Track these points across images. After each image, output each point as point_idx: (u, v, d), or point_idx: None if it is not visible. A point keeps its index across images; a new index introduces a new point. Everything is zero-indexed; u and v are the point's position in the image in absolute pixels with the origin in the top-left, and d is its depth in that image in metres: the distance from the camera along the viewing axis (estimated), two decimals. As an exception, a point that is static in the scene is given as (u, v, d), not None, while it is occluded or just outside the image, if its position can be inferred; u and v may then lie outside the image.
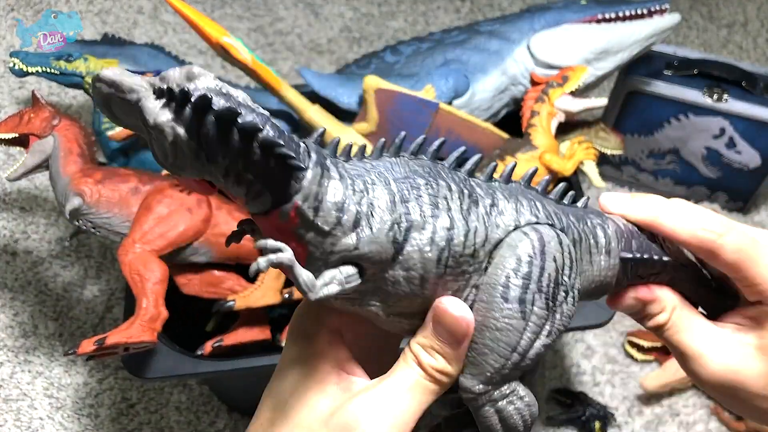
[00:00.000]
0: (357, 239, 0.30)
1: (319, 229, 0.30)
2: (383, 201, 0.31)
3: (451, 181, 0.33)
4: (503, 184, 0.36)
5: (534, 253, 0.33)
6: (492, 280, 0.33)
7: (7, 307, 0.95)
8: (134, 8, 1.29)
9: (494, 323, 0.33)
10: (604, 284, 0.38)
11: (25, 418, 0.88)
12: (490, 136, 0.83)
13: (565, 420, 0.89)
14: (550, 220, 0.35)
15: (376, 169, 0.32)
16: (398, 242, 0.31)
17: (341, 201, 0.30)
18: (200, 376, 0.74)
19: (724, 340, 0.38)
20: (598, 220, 0.38)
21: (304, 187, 0.29)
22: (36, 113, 0.72)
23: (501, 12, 1.33)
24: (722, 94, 0.95)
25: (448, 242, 0.32)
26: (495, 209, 0.34)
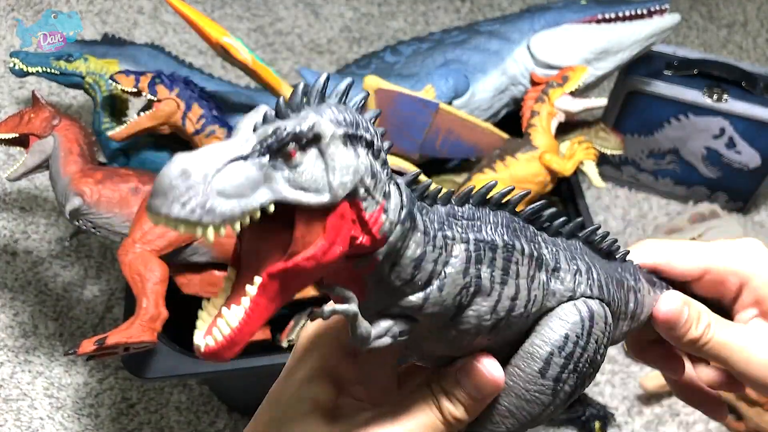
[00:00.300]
0: (424, 299, 0.29)
1: (389, 283, 0.28)
2: (459, 262, 0.29)
3: (525, 241, 0.31)
4: (567, 242, 0.34)
5: (581, 334, 0.32)
6: (534, 350, 0.32)
7: (7, 307, 0.95)
8: (134, 8, 1.29)
9: (524, 394, 0.33)
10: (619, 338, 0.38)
11: (26, 418, 0.88)
12: (490, 136, 0.83)
13: (565, 420, 0.89)
14: (602, 293, 0.34)
15: (458, 221, 0.30)
16: (462, 305, 0.30)
17: (420, 258, 0.28)
18: (200, 376, 0.74)
19: (758, 332, 0.38)
20: (633, 281, 0.37)
21: (389, 242, 0.27)
22: (36, 113, 0.72)
23: (501, 12, 1.33)
24: (722, 94, 0.95)
25: (508, 312, 0.31)
26: (556, 275, 0.33)
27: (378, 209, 0.26)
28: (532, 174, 0.78)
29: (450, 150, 0.82)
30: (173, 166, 0.22)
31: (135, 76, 0.73)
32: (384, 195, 0.26)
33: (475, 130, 0.82)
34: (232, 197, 0.22)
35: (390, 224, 0.27)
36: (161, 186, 0.22)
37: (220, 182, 0.22)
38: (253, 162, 0.23)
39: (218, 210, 0.22)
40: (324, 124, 0.24)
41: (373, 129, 0.27)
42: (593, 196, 1.11)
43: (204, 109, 0.75)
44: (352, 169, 0.25)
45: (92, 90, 0.79)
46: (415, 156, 0.81)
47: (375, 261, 0.27)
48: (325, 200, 0.24)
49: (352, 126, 0.25)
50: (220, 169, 0.22)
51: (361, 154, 0.25)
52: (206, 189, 0.22)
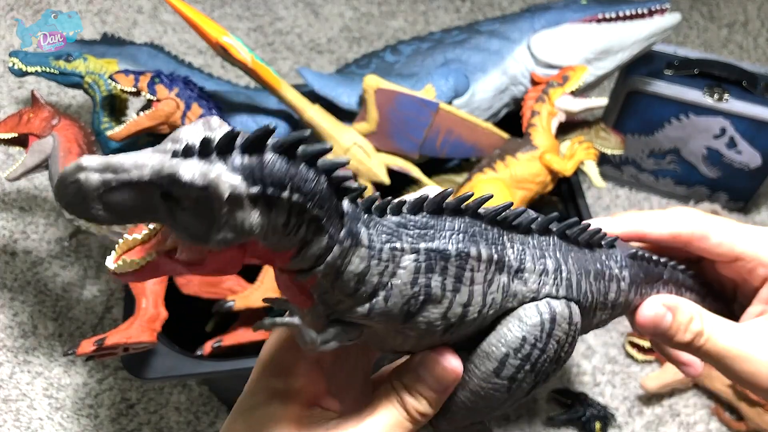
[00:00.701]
0: (369, 309, 0.29)
1: (332, 296, 0.29)
2: (407, 273, 0.29)
3: (484, 244, 0.31)
4: (538, 238, 0.33)
5: (540, 336, 0.32)
6: (491, 350, 0.32)
7: (6, 307, 0.95)
8: (134, 8, 1.29)
9: (479, 390, 0.33)
10: (594, 327, 0.38)
11: (25, 419, 0.88)
12: (491, 136, 0.83)
13: (566, 420, 0.89)
14: (569, 292, 0.34)
15: (409, 231, 0.29)
16: (410, 313, 0.30)
17: (363, 272, 0.28)
18: (200, 377, 0.74)
19: (763, 333, 0.37)
20: (617, 269, 0.36)
21: (326, 263, 0.28)
22: (35, 113, 0.72)
23: (501, 12, 1.33)
24: (723, 94, 0.95)
25: (460, 318, 0.31)
26: (519, 275, 0.32)
27: (286, 252, 0.27)
28: (533, 174, 0.78)
29: (450, 150, 0.82)
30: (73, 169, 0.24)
31: (134, 75, 0.73)
32: (300, 243, 0.27)
33: (476, 130, 0.82)
34: (115, 212, 0.24)
35: (305, 262, 0.27)
36: (61, 180, 0.24)
37: (108, 198, 0.24)
38: (145, 191, 0.24)
39: (99, 218, 0.25)
40: (223, 186, 0.23)
41: (310, 186, 0.26)
42: (594, 196, 1.11)
43: (203, 109, 0.75)
44: (244, 230, 0.25)
45: (91, 90, 0.79)
46: (415, 156, 0.81)
47: (314, 276, 0.28)
48: (200, 245, 0.25)
49: (274, 186, 0.25)
50: (113, 188, 0.24)
51: (273, 214, 0.25)
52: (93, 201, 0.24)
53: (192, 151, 0.24)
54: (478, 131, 0.82)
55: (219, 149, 0.24)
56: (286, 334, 0.35)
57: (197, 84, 0.77)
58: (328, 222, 0.27)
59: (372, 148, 0.79)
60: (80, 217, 0.25)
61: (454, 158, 0.88)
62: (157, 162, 0.24)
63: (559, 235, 0.34)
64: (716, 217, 0.40)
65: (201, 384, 0.91)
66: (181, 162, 0.24)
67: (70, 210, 0.24)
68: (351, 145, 0.78)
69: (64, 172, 0.24)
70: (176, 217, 0.24)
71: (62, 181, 0.24)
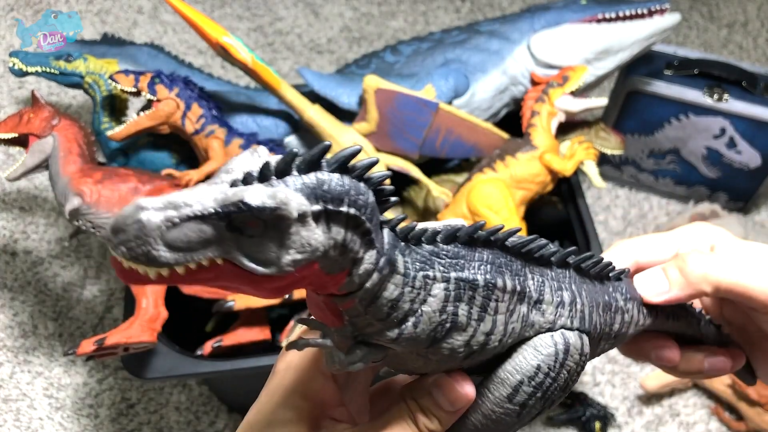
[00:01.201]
0: (398, 334, 0.30)
1: (364, 319, 0.29)
2: (437, 301, 0.30)
3: (509, 276, 0.32)
4: (557, 271, 0.35)
5: (553, 366, 0.33)
6: (506, 376, 0.34)
7: (6, 307, 0.95)
8: (134, 8, 1.29)
9: (490, 414, 0.34)
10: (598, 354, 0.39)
11: (25, 418, 0.88)
12: (491, 136, 0.83)
13: (566, 420, 0.89)
14: (582, 324, 0.35)
15: (441, 261, 0.30)
16: (436, 339, 0.31)
17: (397, 299, 0.29)
18: (200, 376, 0.74)
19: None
20: (622, 301, 0.38)
21: (366, 288, 0.28)
22: (36, 113, 0.72)
23: (501, 12, 1.33)
24: (722, 94, 0.95)
25: (482, 346, 0.32)
26: (538, 307, 0.33)
27: (341, 274, 0.27)
28: (533, 174, 0.78)
29: (450, 150, 0.82)
30: (133, 210, 0.23)
31: (134, 75, 0.73)
32: (352, 261, 0.27)
33: (476, 130, 0.82)
34: (179, 250, 0.23)
35: (356, 280, 0.28)
36: (119, 223, 0.23)
37: (171, 236, 0.23)
38: (210, 223, 0.24)
39: (161, 260, 0.23)
40: (292, 206, 0.24)
41: (363, 199, 0.27)
42: (593, 196, 1.11)
43: (203, 109, 0.75)
44: (311, 248, 0.25)
45: (92, 90, 0.79)
46: (415, 156, 0.81)
47: (352, 302, 0.29)
48: (269, 273, 0.25)
49: (334, 202, 0.26)
50: (176, 224, 0.23)
51: (334, 230, 0.26)
52: (156, 240, 0.23)
53: (252, 178, 0.25)
54: (478, 131, 0.82)
55: (278, 173, 0.25)
56: (304, 350, 0.36)
57: (197, 84, 0.77)
58: (376, 237, 0.28)
59: (372, 148, 0.79)
60: (142, 261, 0.23)
61: (454, 158, 0.89)
62: (219, 193, 0.24)
63: (575, 269, 0.36)
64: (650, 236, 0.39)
65: (201, 384, 0.91)
66: (246, 188, 0.24)
67: (132, 255, 0.23)
68: (351, 145, 0.78)
69: (121, 214, 0.23)
70: (243, 248, 0.24)
71: (120, 223, 0.23)
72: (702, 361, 0.40)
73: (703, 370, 0.40)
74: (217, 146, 0.75)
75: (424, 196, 0.86)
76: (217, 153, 0.75)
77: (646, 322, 0.39)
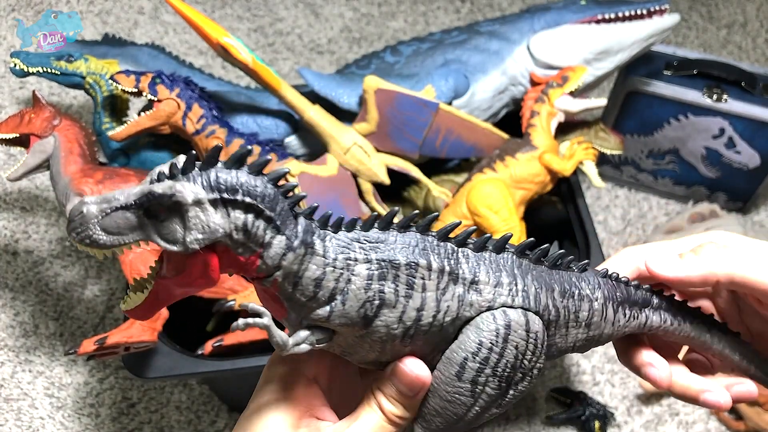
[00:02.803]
0: (329, 312, 0.33)
1: (296, 300, 0.33)
2: (361, 279, 0.33)
3: (435, 257, 0.35)
4: (493, 256, 0.36)
5: (496, 341, 0.35)
6: (452, 355, 0.36)
7: (7, 306, 0.95)
8: (135, 9, 1.29)
9: (445, 395, 0.36)
10: (578, 347, 0.40)
11: (26, 418, 0.88)
12: (490, 137, 0.83)
13: (565, 419, 0.89)
14: (526, 302, 0.36)
15: (362, 245, 0.34)
16: (368, 317, 0.34)
17: (320, 278, 0.33)
18: (200, 376, 0.74)
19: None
20: (588, 290, 0.39)
21: (284, 266, 0.32)
22: (37, 113, 0.72)
23: (501, 12, 1.33)
24: (722, 95, 0.95)
25: (415, 322, 0.34)
26: (474, 287, 0.35)
27: (253, 256, 0.32)
28: (532, 174, 0.78)
29: (450, 150, 0.83)
30: (78, 205, 0.31)
31: (135, 76, 0.74)
32: (261, 245, 0.32)
33: (475, 130, 0.82)
34: (112, 234, 0.31)
35: (269, 263, 0.32)
36: (69, 215, 0.31)
37: (105, 223, 0.31)
38: (132, 212, 0.31)
39: (100, 241, 0.31)
40: (186, 192, 0.30)
41: (260, 190, 0.31)
42: (593, 196, 1.11)
43: (204, 109, 0.75)
44: (210, 229, 0.31)
45: (93, 90, 0.79)
46: (415, 156, 0.81)
47: (276, 281, 0.33)
48: (177, 250, 0.31)
49: (228, 191, 0.31)
50: (108, 213, 0.30)
51: (233, 215, 0.31)
52: (94, 226, 0.30)
53: (163, 176, 0.31)
54: (477, 131, 0.82)
55: (183, 170, 0.31)
56: (287, 356, 0.38)
57: (198, 84, 0.77)
58: (283, 225, 0.32)
59: (372, 148, 0.80)
60: (86, 244, 0.31)
61: (453, 158, 0.89)
62: (138, 189, 0.30)
63: (517, 254, 0.37)
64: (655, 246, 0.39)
65: (202, 383, 0.91)
66: (156, 184, 0.30)
67: (78, 239, 0.31)
68: (351, 145, 0.78)
69: (71, 209, 0.30)
70: (158, 230, 0.31)
71: (71, 215, 0.31)
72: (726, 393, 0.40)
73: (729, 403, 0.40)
74: (218, 146, 0.75)
75: (424, 196, 0.86)
76: (217, 153, 0.75)
77: (632, 322, 0.40)
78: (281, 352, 0.34)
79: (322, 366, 0.39)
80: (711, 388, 0.40)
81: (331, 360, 0.39)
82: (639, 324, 0.40)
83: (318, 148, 0.81)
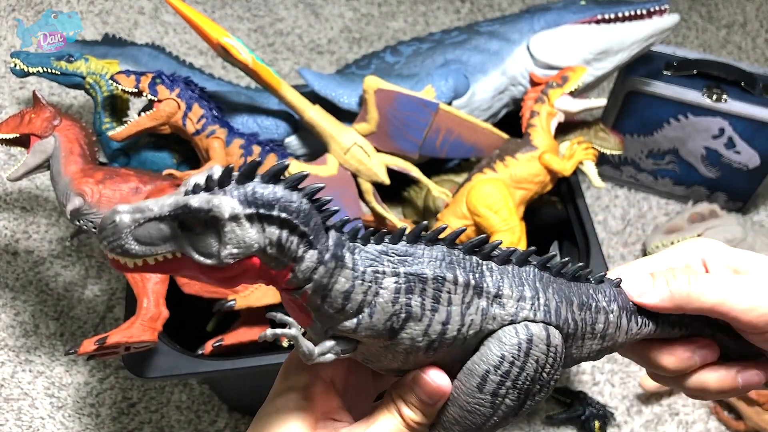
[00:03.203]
0: (356, 324, 0.34)
1: (324, 311, 0.34)
2: (389, 292, 0.34)
3: (461, 271, 0.35)
4: (517, 269, 0.37)
5: (518, 355, 0.36)
6: (473, 367, 0.36)
7: (8, 306, 0.95)
8: (135, 9, 1.29)
9: (465, 405, 0.36)
10: (591, 357, 0.40)
11: (26, 418, 0.88)
12: (490, 137, 0.83)
13: (565, 419, 0.89)
14: (547, 317, 0.37)
15: (390, 258, 0.34)
16: (394, 330, 0.34)
17: (348, 291, 0.33)
18: (201, 376, 0.74)
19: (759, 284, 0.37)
20: (605, 302, 0.39)
21: (314, 280, 0.33)
22: (37, 113, 0.72)
23: (501, 12, 1.33)
24: (721, 95, 0.96)
25: (440, 335, 0.35)
26: (497, 301, 0.36)
27: (285, 270, 0.32)
28: (532, 174, 0.78)
29: (450, 150, 0.83)
30: (110, 214, 0.30)
31: (135, 76, 0.74)
32: (293, 259, 0.32)
33: (475, 131, 0.82)
34: (145, 244, 0.30)
35: (300, 276, 0.32)
36: (101, 224, 0.30)
37: (138, 233, 0.30)
38: (166, 223, 0.30)
39: (131, 252, 0.30)
40: (224, 207, 0.30)
41: (296, 206, 0.31)
42: (593, 196, 1.11)
43: (204, 110, 0.75)
44: (246, 245, 0.30)
45: (93, 90, 0.79)
46: (415, 156, 0.81)
47: (305, 294, 0.33)
48: (211, 264, 0.31)
49: (265, 207, 0.31)
50: (141, 224, 0.30)
51: (268, 230, 0.31)
52: (126, 236, 0.30)
53: (199, 188, 0.31)
54: (477, 131, 0.82)
55: (220, 183, 0.31)
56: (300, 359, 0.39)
57: (198, 84, 0.77)
58: (315, 240, 0.32)
59: (372, 148, 0.80)
60: (118, 253, 0.30)
61: (453, 158, 0.89)
62: (173, 200, 0.30)
63: (539, 267, 0.38)
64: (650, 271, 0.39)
65: (202, 383, 0.91)
66: (192, 196, 0.30)
67: (110, 248, 0.30)
68: (351, 145, 0.78)
69: (103, 217, 0.30)
70: (193, 243, 0.30)
71: (102, 224, 0.30)
72: (735, 378, 0.40)
73: (737, 386, 0.40)
74: (218, 146, 0.75)
75: (424, 196, 0.86)
76: (218, 153, 0.75)
77: (643, 330, 0.40)
78: (307, 362, 0.34)
79: (339, 369, 0.40)
80: (741, 369, 0.40)
81: (348, 363, 0.40)
82: (650, 331, 0.40)
83: (318, 148, 0.82)
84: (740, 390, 0.40)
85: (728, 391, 0.40)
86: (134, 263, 0.30)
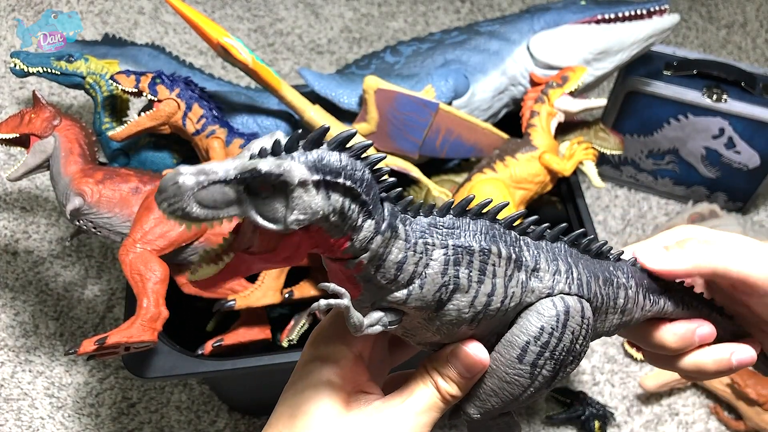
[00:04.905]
0: (407, 295, 0.34)
1: (376, 282, 0.34)
2: (438, 264, 0.34)
3: (503, 245, 0.36)
4: (549, 244, 0.38)
5: (556, 326, 0.37)
6: (513, 339, 0.37)
7: (8, 306, 0.95)
8: (135, 9, 1.29)
9: (504, 376, 0.38)
10: (610, 332, 0.42)
11: (26, 418, 0.88)
12: (490, 137, 0.83)
13: (565, 419, 0.89)
14: (580, 290, 0.38)
15: (438, 230, 0.35)
16: (442, 301, 0.35)
17: (401, 261, 0.34)
18: (201, 376, 0.74)
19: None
20: (624, 278, 0.40)
21: (371, 249, 0.33)
22: (37, 113, 0.72)
23: (501, 12, 1.33)
24: (721, 95, 0.96)
25: (485, 306, 0.36)
26: (535, 274, 0.37)
27: (343, 238, 0.32)
28: (532, 174, 0.78)
29: (450, 150, 0.83)
30: (173, 173, 0.29)
31: (135, 76, 0.74)
32: (352, 228, 0.32)
33: (475, 130, 0.82)
34: (207, 207, 0.29)
35: (357, 245, 0.32)
36: (162, 184, 0.29)
37: (201, 195, 0.29)
38: (231, 186, 0.29)
39: (193, 214, 0.29)
40: (294, 173, 0.29)
41: (360, 175, 0.32)
42: (593, 196, 1.11)
43: (204, 110, 0.75)
44: (312, 211, 0.30)
45: (93, 90, 0.79)
46: (415, 156, 0.81)
47: (361, 263, 0.33)
48: (277, 229, 0.30)
49: (332, 174, 0.31)
50: (205, 186, 0.29)
51: (333, 197, 0.31)
52: (189, 198, 0.29)
53: (266, 152, 0.30)
54: (477, 131, 0.82)
55: (286, 149, 0.30)
56: (333, 327, 0.40)
57: (198, 84, 0.77)
58: (374, 210, 0.32)
59: (372, 148, 0.80)
60: (178, 216, 0.29)
61: (453, 158, 0.89)
62: (239, 163, 0.29)
63: (569, 244, 0.39)
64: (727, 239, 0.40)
65: (202, 383, 0.91)
66: (259, 159, 0.29)
67: (170, 210, 0.29)
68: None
69: (164, 178, 0.29)
70: (258, 207, 0.30)
71: (163, 185, 0.29)
72: (729, 356, 0.41)
73: (731, 365, 0.41)
74: (218, 146, 0.75)
75: (424, 196, 0.86)
76: (217, 153, 0.75)
77: (653, 307, 0.42)
78: (355, 333, 0.34)
79: (367, 342, 0.40)
80: (735, 348, 0.41)
81: (374, 336, 0.40)
82: (659, 309, 0.42)
83: (318, 148, 0.81)
84: (733, 368, 0.42)
85: (723, 370, 0.42)
86: (192, 228, 0.30)
